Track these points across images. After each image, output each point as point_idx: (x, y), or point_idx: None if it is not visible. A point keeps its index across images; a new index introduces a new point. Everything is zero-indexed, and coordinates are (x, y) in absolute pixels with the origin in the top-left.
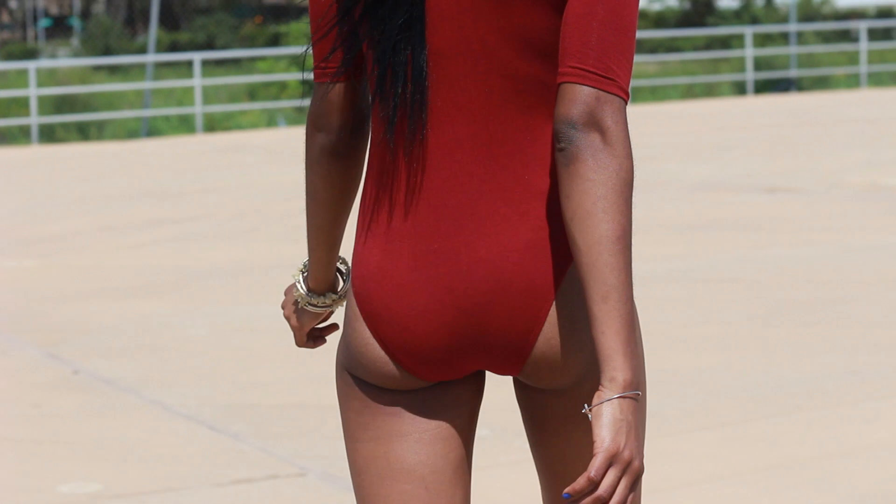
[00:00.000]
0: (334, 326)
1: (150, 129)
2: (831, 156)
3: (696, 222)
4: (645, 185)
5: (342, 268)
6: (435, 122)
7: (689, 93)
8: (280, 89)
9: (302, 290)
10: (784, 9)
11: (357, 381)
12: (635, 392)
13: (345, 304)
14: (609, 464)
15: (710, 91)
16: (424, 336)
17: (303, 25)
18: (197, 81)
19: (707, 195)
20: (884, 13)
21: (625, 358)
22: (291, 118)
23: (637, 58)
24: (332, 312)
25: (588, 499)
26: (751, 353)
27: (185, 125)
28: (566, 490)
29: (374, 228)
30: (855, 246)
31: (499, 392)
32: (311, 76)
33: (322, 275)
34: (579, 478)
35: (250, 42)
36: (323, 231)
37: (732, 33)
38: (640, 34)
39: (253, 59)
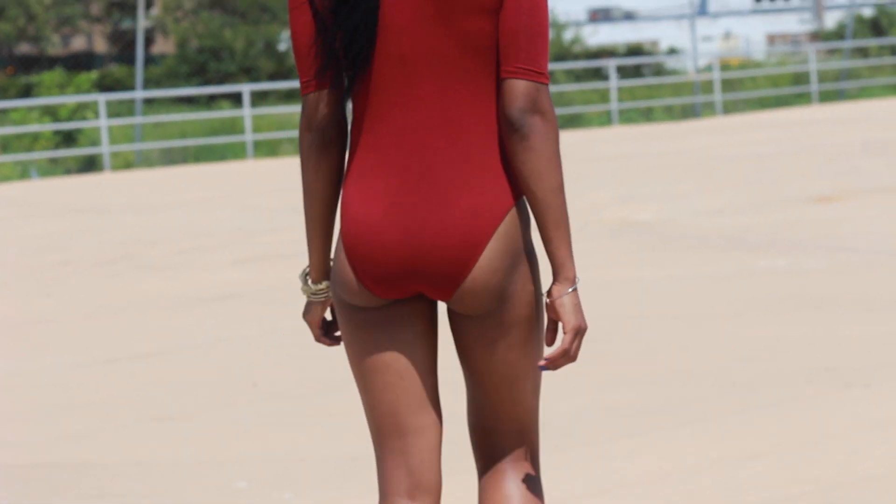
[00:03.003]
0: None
1: None
2: (585, 193)
3: None
4: None
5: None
6: (400, 110)
7: None
8: (32, 140)
9: (306, 285)
10: None
11: (342, 303)
12: (578, 283)
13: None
14: (575, 334)
15: None
16: (385, 264)
17: (55, 75)
18: None
19: None
20: (633, 51)
21: (571, 263)
22: (44, 170)
23: None
24: (327, 303)
25: (561, 360)
26: None
27: None
28: (541, 362)
29: (355, 188)
30: (611, 282)
31: None
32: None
33: (319, 263)
34: (555, 350)
35: (1, 93)
36: (318, 221)
37: None
38: None
39: (4, 111)
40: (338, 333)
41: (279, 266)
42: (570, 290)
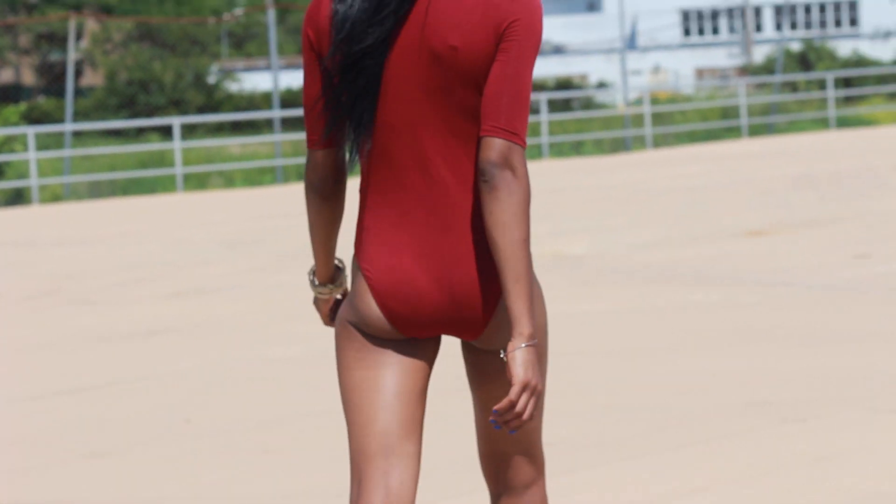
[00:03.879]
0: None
1: None
2: None
3: None
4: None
5: (339, 265)
6: (407, 169)
7: None
8: None
9: (312, 284)
10: None
11: (358, 330)
12: (534, 341)
13: (349, 285)
14: (522, 389)
15: None
16: (421, 311)
17: None
18: None
19: None
20: (562, 85)
21: (528, 319)
22: None
23: None
24: (334, 297)
25: (509, 415)
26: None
27: None
28: (491, 415)
29: (380, 240)
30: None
31: None
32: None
33: (324, 271)
34: (501, 402)
35: None
36: (321, 244)
37: None
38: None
39: None
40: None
41: (211, 300)
42: (524, 345)
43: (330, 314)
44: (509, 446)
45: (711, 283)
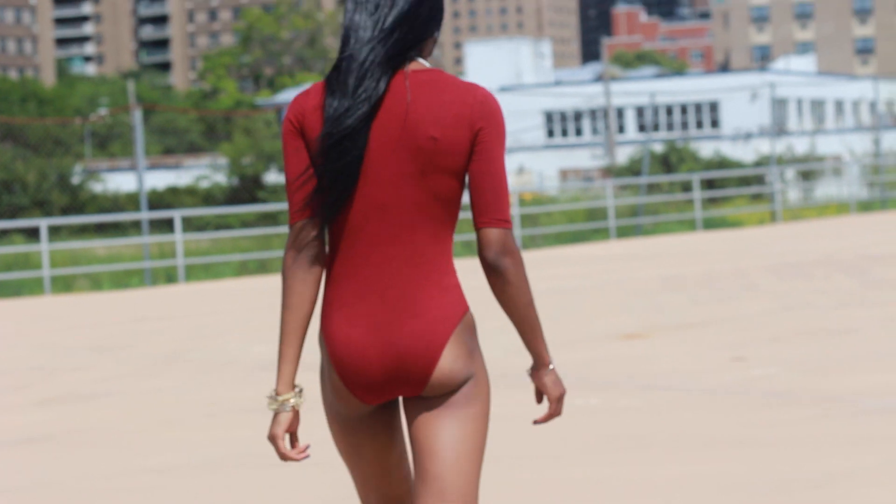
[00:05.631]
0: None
1: None
2: None
3: (262, 405)
4: (207, 366)
5: (297, 386)
6: (376, 245)
7: (244, 269)
8: None
9: (273, 400)
10: None
11: (333, 411)
12: (553, 366)
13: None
14: (559, 401)
15: (263, 267)
16: (370, 375)
17: None
18: None
19: (270, 375)
20: None
21: (546, 351)
22: None
23: (187, 235)
24: (297, 411)
25: (550, 419)
26: None
27: None
28: (536, 420)
29: (340, 313)
30: None
31: None
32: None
33: (289, 374)
34: (546, 414)
35: None
36: (293, 334)
37: (282, 209)
38: (189, 212)
39: None
40: (303, 446)
41: (85, 406)
42: (551, 367)
43: (287, 438)
44: (452, 500)
45: (590, 387)
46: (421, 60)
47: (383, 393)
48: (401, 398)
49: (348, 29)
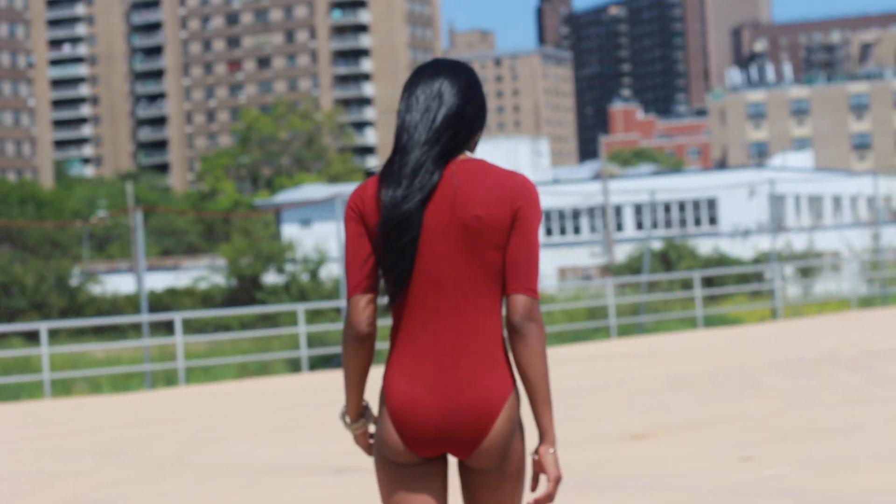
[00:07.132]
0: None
1: None
2: None
3: None
4: (211, 470)
5: (365, 404)
6: (435, 318)
7: (244, 371)
8: None
9: (345, 423)
10: (329, 283)
11: (385, 460)
12: (555, 447)
13: (375, 419)
14: (557, 482)
15: (264, 369)
16: (426, 430)
17: None
18: None
19: (275, 478)
20: None
21: (552, 430)
22: None
23: (188, 338)
24: (366, 430)
25: (545, 501)
26: None
27: None
28: (536, 500)
29: (401, 374)
30: None
31: None
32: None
33: (355, 410)
34: (542, 495)
35: None
36: (354, 385)
37: (282, 310)
38: (190, 314)
39: None
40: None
41: None
42: (552, 450)
43: (369, 446)
44: None
45: (597, 489)
46: (467, 153)
47: (432, 447)
48: (457, 465)
49: (401, 129)
